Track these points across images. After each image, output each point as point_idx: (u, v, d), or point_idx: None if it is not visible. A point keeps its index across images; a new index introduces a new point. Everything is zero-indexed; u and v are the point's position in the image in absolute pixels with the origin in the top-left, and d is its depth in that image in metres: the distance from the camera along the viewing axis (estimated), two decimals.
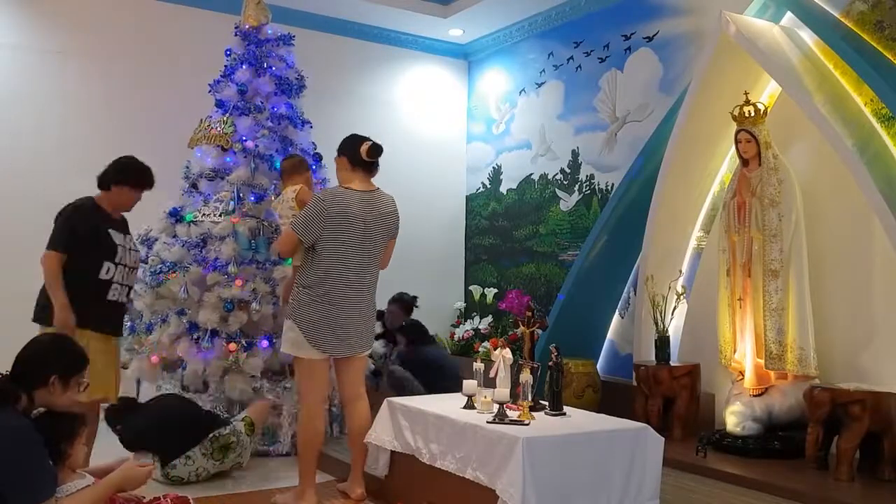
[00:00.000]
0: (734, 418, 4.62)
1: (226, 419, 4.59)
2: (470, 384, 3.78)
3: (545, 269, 7.17)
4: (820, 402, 4.08)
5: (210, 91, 5.38)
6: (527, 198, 7.46)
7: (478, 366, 3.91)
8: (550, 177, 7.18)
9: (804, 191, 4.67)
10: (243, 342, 4.80)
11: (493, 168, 7.91)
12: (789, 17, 5.11)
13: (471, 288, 7.88)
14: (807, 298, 4.58)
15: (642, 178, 5.93)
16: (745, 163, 4.79)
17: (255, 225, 5.02)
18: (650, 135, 6.03)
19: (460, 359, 6.56)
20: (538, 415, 3.54)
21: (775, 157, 4.67)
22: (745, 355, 4.73)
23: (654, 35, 6.19)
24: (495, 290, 7.53)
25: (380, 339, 5.83)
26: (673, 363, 5.19)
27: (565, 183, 7.01)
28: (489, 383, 3.74)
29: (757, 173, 4.70)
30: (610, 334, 6.36)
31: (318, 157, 5.40)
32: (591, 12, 6.79)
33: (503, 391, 3.50)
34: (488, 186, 7.98)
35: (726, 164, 5.55)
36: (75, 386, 2.87)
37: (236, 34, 5.42)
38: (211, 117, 5.29)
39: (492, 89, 7.98)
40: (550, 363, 3.70)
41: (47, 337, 2.95)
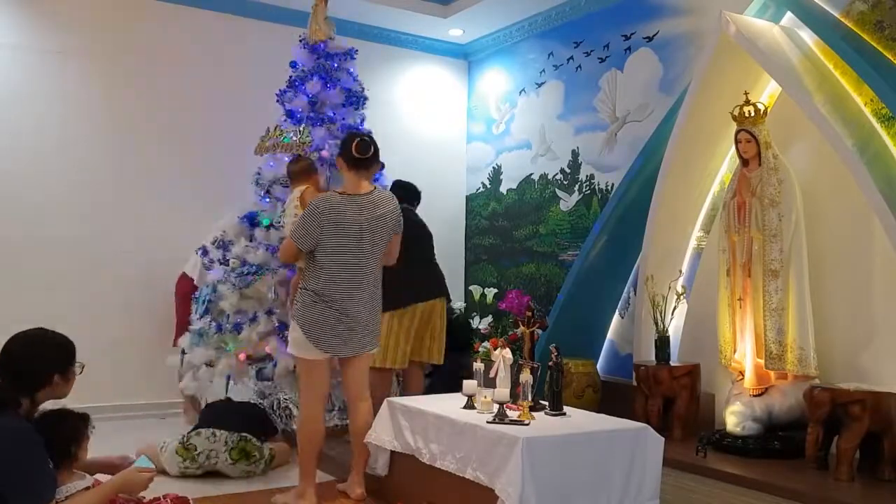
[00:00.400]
0: (734, 418, 4.61)
1: (272, 430, 4.82)
2: (470, 384, 3.78)
3: (545, 269, 7.17)
4: (820, 402, 4.08)
5: (278, 100, 5.62)
6: (527, 198, 7.46)
7: (478, 366, 3.92)
8: (550, 177, 7.18)
9: (804, 191, 4.66)
10: None
11: (493, 168, 7.90)
12: (789, 17, 5.11)
13: (471, 288, 7.88)
14: (807, 298, 4.58)
15: (642, 178, 5.92)
16: (745, 163, 4.79)
17: None
18: (650, 135, 6.03)
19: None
20: (538, 415, 3.54)
21: (775, 157, 4.67)
22: (745, 355, 4.73)
23: (654, 35, 6.18)
24: (495, 290, 7.52)
25: None
26: (673, 363, 5.19)
27: (565, 183, 7.00)
28: (489, 383, 3.75)
29: (757, 173, 4.70)
30: (610, 334, 6.35)
31: (381, 166, 5.58)
32: (591, 12, 6.79)
33: (503, 391, 3.50)
34: (488, 186, 7.98)
35: (726, 164, 5.54)
36: (73, 373, 2.90)
37: (303, 47, 5.64)
38: (281, 126, 5.49)
39: (492, 89, 7.97)
40: (550, 363, 3.70)
41: (30, 336, 2.85)
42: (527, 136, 7.50)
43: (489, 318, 7.43)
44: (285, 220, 4.87)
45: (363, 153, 3.92)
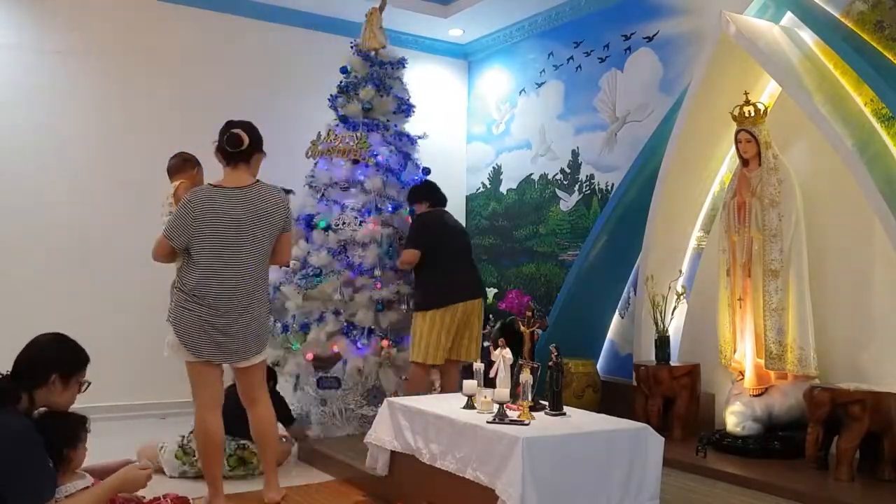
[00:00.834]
0: (734, 418, 4.62)
1: (288, 419, 4.82)
2: (470, 384, 3.78)
3: (545, 269, 7.17)
4: (820, 402, 4.08)
5: (331, 106, 5.76)
6: (527, 198, 7.46)
7: (478, 366, 3.91)
8: (550, 177, 7.18)
9: (804, 191, 4.67)
10: (392, 338, 5.23)
11: (493, 168, 7.91)
12: (789, 17, 5.11)
13: None
14: (807, 298, 4.58)
15: (642, 178, 5.93)
16: (745, 163, 4.79)
17: (392, 232, 5.39)
18: (650, 135, 6.03)
19: None
20: (538, 415, 3.54)
21: (775, 157, 4.67)
22: (745, 355, 4.73)
23: (654, 35, 6.18)
24: (495, 290, 7.52)
25: None
26: (673, 363, 5.19)
27: (565, 183, 7.01)
28: (489, 383, 3.74)
29: (757, 173, 4.70)
30: (610, 334, 6.36)
31: (426, 171, 5.82)
32: (591, 12, 6.79)
33: (503, 391, 3.49)
34: (488, 186, 7.98)
35: (726, 164, 5.55)
36: (76, 385, 2.88)
37: (357, 55, 5.75)
38: (334, 131, 5.61)
39: (492, 89, 7.97)
40: (550, 363, 3.70)
41: (47, 336, 2.95)
42: (527, 136, 7.50)
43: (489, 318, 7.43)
44: (163, 218, 4.57)
45: (233, 147, 3.69)
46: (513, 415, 3.42)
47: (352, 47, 5.81)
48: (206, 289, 3.59)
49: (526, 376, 3.52)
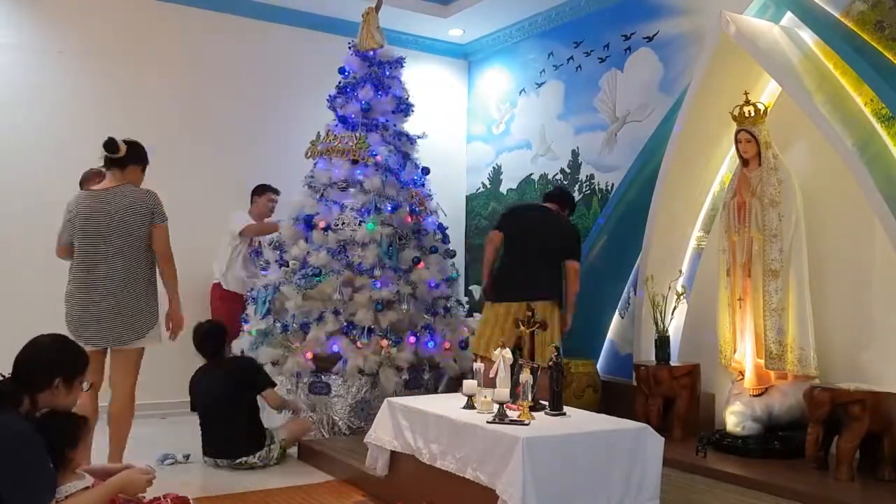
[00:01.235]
0: (734, 418, 4.62)
1: (267, 383, 4.84)
2: (470, 384, 3.78)
3: None
4: (820, 402, 4.08)
5: (329, 106, 5.77)
6: (527, 198, 7.45)
7: (478, 366, 3.92)
8: (550, 177, 7.18)
9: (804, 191, 4.67)
10: (392, 338, 5.23)
11: (493, 168, 7.91)
12: (789, 17, 5.11)
13: (471, 288, 7.88)
14: (807, 298, 4.58)
15: (642, 178, 5.93)
16: (745, 163, 4.79)
17: (392, 232, 5.38)
18: (650, 135, 6.03)
19: None
20: (538, 415, 3.54)
21: (775, 157, 4.67)
22: (745, 355, 4.73)
23: (654, 35, 6.18)
24: None
25: None
26: (673, 363, 5.19)
27: (565, 183, 7.00)
28: (489, 383, 3.74)
29: (757, 173, 4.70)
30: (610, 334, 6.35)
31: (426, 171, 5.84)
32: (591, 12, 6.79)
33: (503, 391, 3.49)
34: (488, 186, 7.98)
35: (726, 164, 5.55)
36: (78, 387, 2.87)
37: (355, 55, 5.76)
38: (333, 131, 5.62)
39: (492, 89, 7.97)
40: (550, 363, 3.70)
41: (47, 338, 2.94)
42: (527, 136, 7.50)
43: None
44: None
45: (109, 151, 4.09)
46: (513, 415, 3.42)
47: (350, 47, 5.81)
48: (77, 281, 4.08)
49: (526, 376, 3.52)
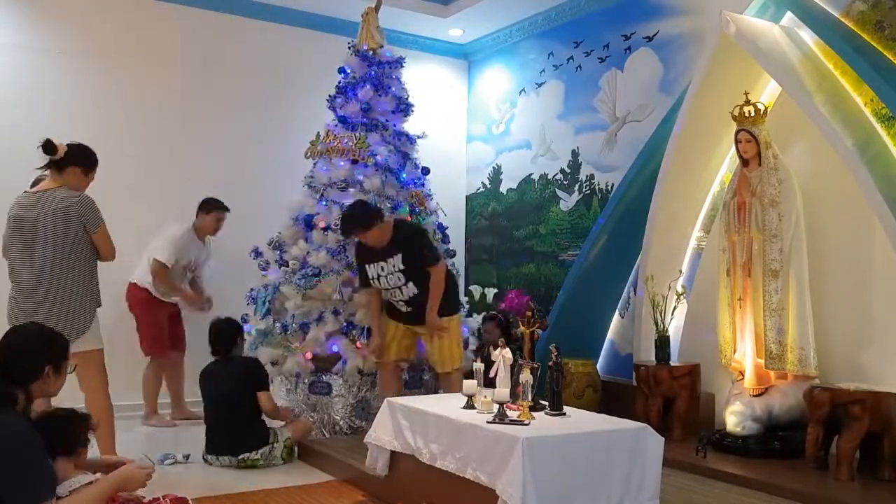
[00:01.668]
0: (734, 418, 4.62)
1: (264, 439, 4.77)
2: (470, 384, 3.78)
3: (545, 269, 7.17)
4: (820, 402, 4.08)
5: (329, 106, 5.77)
6: (527, 198, 7.46)
7: (478, 366, 3.92)
8: (550, 177, 7.18)
9: (804, 191, 4.67)
10: None
11: (493, 168, 7.90)
12: (789, 17, 5.11)
13: (471, 288, 7.88)
14: (807, 298, 4.58)
15: (642, 178, 5.93)
16: (745, 163, 4.79)
17: None
18: (650, 135, 6.03)
19: None
20: (538, 415, 3.54)
21: (775, 157, 4.67)
22: (745, 355, 4.73)
23: (654, 35, 6.18)
24: (495, 290, 7.53)
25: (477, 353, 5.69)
26: (673, 363, 5.19)
27: (565, 183, 7.00)
28: (489, 383, 3.75)
29: (757, 173, 4.70)
30: (610, 334, 6.35)
31: (426, 170, 5.84)
32: (591, 12, 6.79)
33: (503, 391, 3.49)
34: (488, 186, 7.98)
35: (726, 164, 5.55)
36: (65, 369, 2.93)
37: (354, 55, 5.76)
38: (332, 131, 5.62)
39: (492, 89, 7.97)
40: (550, 363, 3.70)
41: (26, 329, 3.00)
42: (527, 136, 7.50)
43: None
44: None
45: (46, 152, 4.02)
46: (513, 415, 3.42)
47: (349, 47, 5.81)
48: (14, 284, 4.03)
49: (526, 376, 3.52)
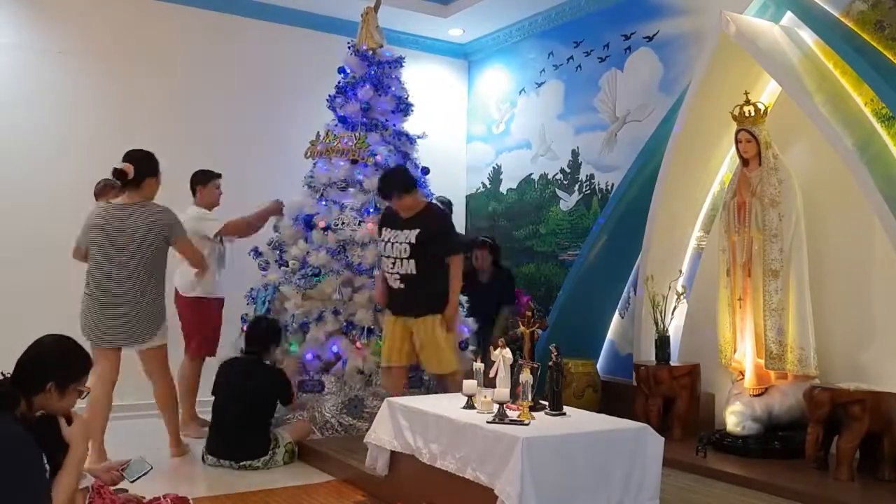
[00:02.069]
0: (734, 418, 4.62)
1: (291, 396, 4.85)
2: (470, 384, 3.78)
3: (545, 269, 7.17)
4: (820, 402, 4.08)
5: (329, 106, 5.77)
6: (527, 198, 7.46)
7: (478, 366, 3.91)
8: (550, 177, 7.18)
9: (804, 191, 4.67)
10: None
11: (493, 168, 7.91)
12: (789, 17, 5.11)
13: None
14: (807, 298, 4.58)
15: (642, 178, 5.93)
16: (745, 163, 4.79)
17: None
18: (650, 135, 6.03)
19: None
20: (538, 415, 3.54)
21: (775, 157, 4.67)
22: (745, 355, 4.73)
23: (654, 35, 6.18)
24: None
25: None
26: (673, 363, 5.19)
27: (565, 183, 7.01)
28: (489, 383, 3.74)
29: (757, 173, 4.70)
30: (610, 334, 6.36)
31: (426, 170, 5.81)
32: (591, 12, 6.79)
33: (503, 391, 3.49)
34: (488, 186, 7.98)
35: (726, 164, 5.55)
36: (74, 393, 2.78)
37: (354, 54, 5.76)
38: (332, 131, 5.62)
39: (492, 89, 7.97)
40: (550, 363, 3.70)
41: (49, 339, 2.85)
42: (527, 135, 7.50)
43: None
44: None
45: (118, 179, 4.53)
46: (513, 415, 3.42)
47: (349, 47, 5.81)
48: (90, 286, 4.47)
49: (526, 376, 3.52)
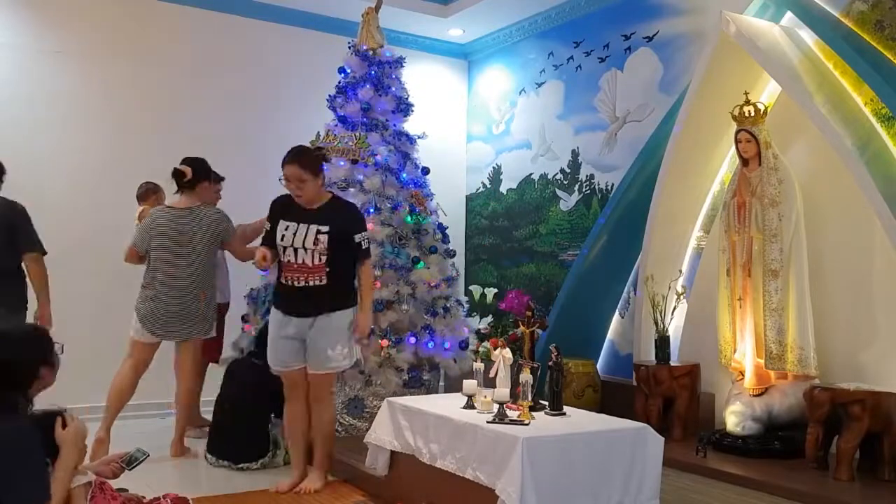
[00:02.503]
0: (734, 418, 4.62)
1: (265, 449, 4.75)
2: (470, 384, 3.78)
3: (545, 269, 7.17)
4: (820, 402, 4.08)
5: (329, 106, 5.77)
6: (527, 198, 7.46)
7: (478, 366, 3.91)
8: (550, 177, 7.18)
9: (804, 191, 4.67)
10: (392, 338, 5.19)
11: (493, 168, 7.91)
12: (789, 17, 5.11)
13: (471, 288, 7.87)
14: (807, 298, 4.58)
15: (642, 178, 5.93)
16: (745, 163, 4.79)
17: (392, 232, 5.35)
18: (650, 135, 6.03)
19: None
20: (538, 415, 3.54)
21: (775, 157, 4.67)
22: (745, 355, 4.73)
23: (654, 35, 6.18)
24: (495, 290, 7.52)
25: None
26: (673, 363, 5.19)
27: (565, 183, 7.01)
28: (489, 383, 3.74)
29: (757, 173, 4.70)
30: (610, 334, 6.36)
31: (426, 170, 5.84)
32: (591, 12, 6.79)
33: (503, 391, 3.49)
34: (488, 186, 7.98)
35: (726, 164, 5.55)
36: (56, 359, 2.93)
37: (355, 55, 5.75)
38: (333, 131, 5.62)
39: (492, 89, 7.97)
40: (550, 363, 3.70)
41: (11, 334, 2.90)
42: (527, 135, 7.50)
43: (489, 318, 7.43)
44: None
45: (178, 180, 4.83)
46: (513, 415, 3.42)
47: (349, 47, 5.81)
48: (153, 285, 4.76)
49: (526, 376, 3.52)
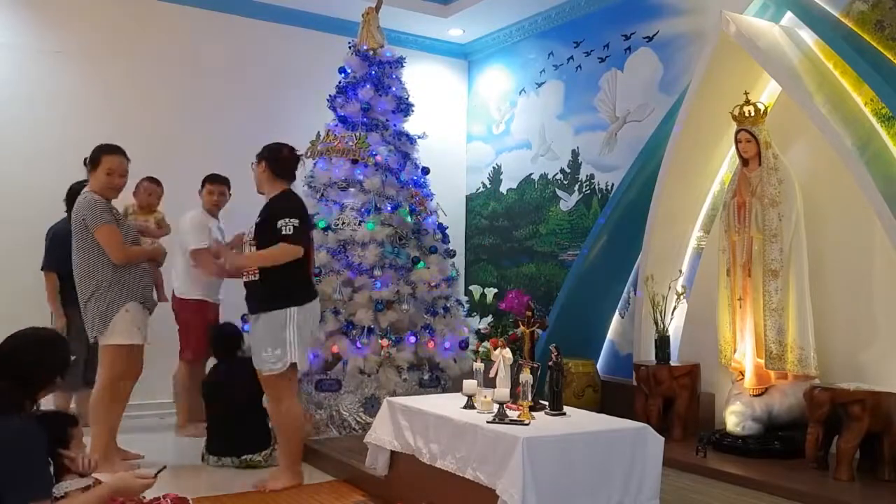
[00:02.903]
0: (734, 418, 4.62)
1: (266, 441, 4.77)
2: (470, 384, 3.78)
3: (545, 269, 7.17)
4: (820, 402, 4.08)
5: (329, 106, 5.78)
6: (527, 198, 7.46)
7: (478, 366, 3.91)
8: (550, 177, 7.18)
9: (804, 191, 4.67)
10: (392, 338, 5.21)
11: (493, 168, 7.91)
12: (789, 17, 5.11)
13: (471, 288, 7.88)
14: (807, 298, 4.58)
15: (642, 178, 5.93)
16: (745, 162, 4.79)
17: (392, 232, 5.38)
18: (650, 135, 6.03)
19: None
20: (538, 415, 3.54)
21: (775, 157, 4.67)
22: (745, 355, 4.73)
23: (654, 35, 6.18)
24: (495, 290, 7.53)
25: None
26: (673, 363, 5.19)
27: (565, 183, 7.01)
28: (489, 383, 3.74)
29: (757, 173, 4.70)
30: (610, 334, 6.36)
31: (426, 170, 5.86)
32: (591, 12, 6.79)
33: (503, 391, 3.49)
34: (488, 186, 7.98)
35: (726, 164, 5.55)
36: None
37: (355, 55, 5.77)
38: (333, 131, 5.64)
39: (492, 89, 7.97)
40: (550, 363, 3.70)
41: (28, 338, 2.85)
42: (527, 135, 7.50)
43: (489, 318, 7.44)
44: None
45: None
46: (513, 415, 3.42)
47: (350, 47, 5.82)
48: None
49: (526, 376, 3.52)
